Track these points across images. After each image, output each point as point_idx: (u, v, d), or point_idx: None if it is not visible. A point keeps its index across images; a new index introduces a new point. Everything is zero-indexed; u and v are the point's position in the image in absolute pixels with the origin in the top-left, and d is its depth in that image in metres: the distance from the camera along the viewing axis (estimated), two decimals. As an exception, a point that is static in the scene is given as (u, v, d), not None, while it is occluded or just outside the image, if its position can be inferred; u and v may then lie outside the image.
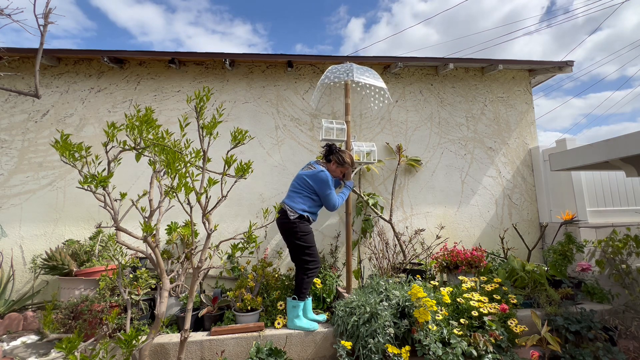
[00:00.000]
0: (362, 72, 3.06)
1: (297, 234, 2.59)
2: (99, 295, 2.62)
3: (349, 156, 2.83)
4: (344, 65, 3.12)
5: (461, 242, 3.89)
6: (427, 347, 2.24)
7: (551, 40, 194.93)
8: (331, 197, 2.70)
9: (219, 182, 2.03)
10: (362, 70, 3.10)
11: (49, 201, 3.47)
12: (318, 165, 2.77)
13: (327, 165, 2.84)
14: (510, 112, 4.32)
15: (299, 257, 2.64)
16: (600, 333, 2.45)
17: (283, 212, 2.63)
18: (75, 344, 1.51)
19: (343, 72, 3.04)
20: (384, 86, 3.11)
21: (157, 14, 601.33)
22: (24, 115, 3.60)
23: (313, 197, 2.70)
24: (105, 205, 1.87)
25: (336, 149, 2.83)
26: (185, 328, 2.07)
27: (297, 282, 2.62)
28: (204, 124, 2.03)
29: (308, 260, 2.61)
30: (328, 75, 3.06)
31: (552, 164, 3.23)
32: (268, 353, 2.30)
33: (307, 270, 2.60)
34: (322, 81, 3.11)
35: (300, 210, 2.62)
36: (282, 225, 2.64)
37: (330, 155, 2.82)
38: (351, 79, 2.97)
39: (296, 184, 2.74)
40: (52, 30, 20.76)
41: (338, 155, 2.80)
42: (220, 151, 2.50)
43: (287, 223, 2.61)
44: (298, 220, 2.60)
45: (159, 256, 2.04)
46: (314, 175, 2.68)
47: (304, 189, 2.69)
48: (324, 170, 2.69)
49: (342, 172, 2.90)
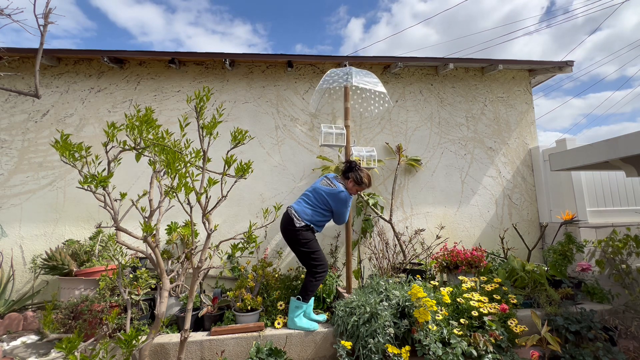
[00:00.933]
0: (361, 76, 3.01)
1: (300, 242, 2.59)
2: (99, 295, 2.62)
3: (367, 176, 2.77)
4: (343, 69, 3.06)
5: (461, 242, 3.89)
6: (427, 347, 2.24)
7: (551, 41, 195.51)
8: (346, 215, 2.75)
9: (219, 182, 2.03)
10: (362, 74, 3.05)
11: (49, 201, 3.47)
12: (337, 181, 2.75)
13: (344, 181, 2.78)
14: (510, 112, 4.32)
15: (307, 262, 2.65)
16: (600, 333, 2.45)
17: (288, 218, 2.62)
18: (75, 344, 1.51)
19: (342, 76, 2.99)
20: (383, 91, 3.06)
21: (157, 14, 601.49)
22: (24, 115, 3.60)
23: (325, 213, 2.70)
24: (105, 205, 1.87)
25: (356, 167, 2.77)
26: (185, 328, 2.07)
27: (304, 283, 2.63)
28: (204, 124, 2.03)
29: (315, 265, 2.61)
30: (327, 80, 3.01)
31: (552, 164, 3.23)
32: (268, 353, 2.30)
33: (316, 274, 2.61)
34: (320, 86, 3.07)
35: (307, 221, 2.62)
36: (287, 232, 2.65)
37: (350, 172, 2.76)
38: (350, 84, 2.93)
39: (312, 197, 2.71)
40: (52, 31, 20.80)
41: (357, 174, 2.74)
42: (220, 151, 2.50)
43: (291, 230, 2.60)
44: (302, 228, 2.60)
45: (159, 256, 2.03)
46: (335, 195, 2.66)
47: (319, 204, 2.68)
48: (344, 191, 2.67)
49: (357, 191, 2.83)
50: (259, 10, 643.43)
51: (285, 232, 2.66)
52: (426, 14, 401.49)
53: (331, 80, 3.00)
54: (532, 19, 67.44)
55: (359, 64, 3.96)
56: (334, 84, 2.99)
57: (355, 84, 2.92)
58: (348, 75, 2.97)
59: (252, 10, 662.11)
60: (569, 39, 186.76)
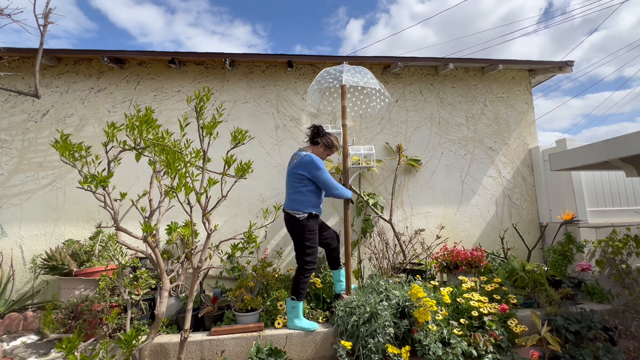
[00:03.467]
0: (352, 73, 2.91)
1: (305, 233, 2.57)
2: (99, 295, 2.62)
3: (335, 139, 2.75)
4: (337, 67, 2.99)
5: (461, 242, 3.89)
6: (427, 347, 2.24)
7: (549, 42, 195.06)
8: (327, 178, 2.57)
9: (219, 182, 2.03)
10: (354, 71, 2.94)
11: (49, 201, 3.47)
12: (301, 152, 2.65)
13: (313, 148, 2.71)
14: (510, 112, 4.32)
15: (301, 256, 2.62)
16: (600, 333, 2.45)
17: (288, 216, 2.60)
18: (75, 344, 1.51)
19: (333, 75, 2.90)
20: (376, 87, 2.95)
21: (157, 15, 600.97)
22: (24, 115, 3.60)
23: (311, 188, 2.61)
24: (105, 205, 1.87)
25: (324, 131, 2.71)
26: (185, 328, 2.07)
27: (294, 282, 2.61)
28: (204, 124, 2.03)
29: (307, 261, 2.59)
30: (319, 80, 2.93)
31: (552, 164, 3.22)
32: (268, 353, 2.30)
33: (305, 271, 2.59)
34: (312, 87, 2.99)
35: (306, 209, 2.57)
36: (292, 226, 2.61)
37: (319, 137, 2.69)
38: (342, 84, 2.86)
39: (291, 184, 2.64)
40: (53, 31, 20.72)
41: (327, 139, 2.69)
42: (220, 151, 2.50)
43: (296, 225, 2.58)
44: (306, 219, 2.56)
45: (159, 256, 2.03)
46: (303, 164, 2.56)
47: (299, 183, 2.58)
48: (308, 154, 2.58)
49: (328, 155, 2.79)
50: (258, 11, 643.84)
51: (291, 227, 2.62)
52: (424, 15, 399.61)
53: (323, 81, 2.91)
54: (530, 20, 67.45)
55: (358, 64, 3.96)
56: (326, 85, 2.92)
57: (344, 82, 2.84)
58: (340, 73, 2.90)
59: (252, 11, 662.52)
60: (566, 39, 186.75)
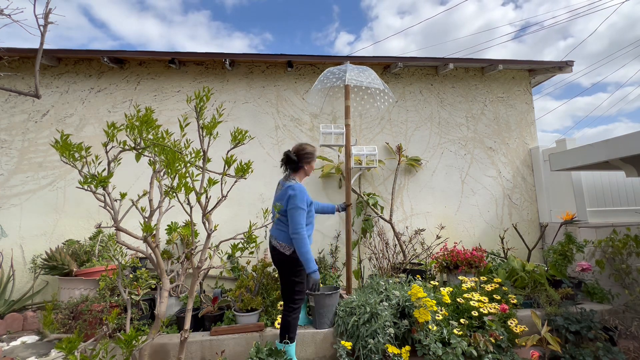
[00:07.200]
0: (356, 73, 2.86)
1: (293, 269, 2.28)
2: (99, 296, 2.62)
3: (310, 146, 2.43)
4: (340, 68, 2.98)
5: (461, 242, 3.89)
6: (427, 347, 2.24)
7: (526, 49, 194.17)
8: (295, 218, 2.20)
9: (219, 182, 2.03)
10: (357, 71, 2.90)
11: (49, 201, 3.47)
12: (286, 182, 2.35)
13: (298, 175, 2.39)
14: (510, 112, 4.32)
15: (288, 294, 2.31)
16: (600, 333, 2.45)
17: (276, 249, 2.30)
18: (75, 344, 1.51)
19: (337, 74, 2.89)
20: (380, 87, 2.97)
21: (155, 27, 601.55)
22: (24, 115, 3.60)
23: None
24: (105, 205, 1.87)
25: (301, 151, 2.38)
26: (185, 328, 2.07)
27: (283, 324, 2.28)
28: (204, 124, 2.03)
29: (295, 299, 2.29)
30: (322, 80, 2.93)
31: (552, 164, 3.23)
32: (268, 353, 2.30)
33: (293, 311, 2.28)
34: (315, 86, 3.01)
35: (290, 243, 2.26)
36: (279, 261, 2.31)
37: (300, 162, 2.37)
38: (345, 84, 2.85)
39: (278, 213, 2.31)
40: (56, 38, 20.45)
41: (305, 156, 2.38)
42: (220, 151, 2.50)
43: (284, 260, 2.28)
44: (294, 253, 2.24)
45: (159, 256, 2.03)
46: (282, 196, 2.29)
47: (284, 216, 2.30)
48: (292, 186, 2.27)
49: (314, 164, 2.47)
50: (256, 23, 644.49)
51: (278, 262, 2.32)
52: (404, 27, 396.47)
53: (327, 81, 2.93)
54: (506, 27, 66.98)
55: (359, 63, 3.95)
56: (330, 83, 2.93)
57: (347, 82, 2.84)
58: (343, 73, 2.90)
59: (249, 23, 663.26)
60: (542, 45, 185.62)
